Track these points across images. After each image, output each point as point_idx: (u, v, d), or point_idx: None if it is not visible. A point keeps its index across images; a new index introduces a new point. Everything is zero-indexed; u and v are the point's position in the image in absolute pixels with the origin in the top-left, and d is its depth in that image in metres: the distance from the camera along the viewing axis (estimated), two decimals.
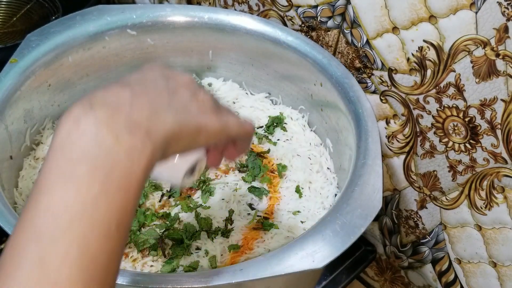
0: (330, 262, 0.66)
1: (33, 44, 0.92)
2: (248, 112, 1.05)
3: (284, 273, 0.63)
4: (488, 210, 0.83)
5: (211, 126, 0.48)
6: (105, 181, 0.39)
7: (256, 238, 0.82)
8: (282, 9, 1.01)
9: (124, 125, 0.41)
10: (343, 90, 0.88)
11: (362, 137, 0.81)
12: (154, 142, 0.42)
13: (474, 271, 0.92)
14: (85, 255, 0.38)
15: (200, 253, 0.80)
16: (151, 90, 0.46)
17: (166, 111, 0.44)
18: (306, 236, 0.68)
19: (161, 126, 0.43)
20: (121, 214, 0.40)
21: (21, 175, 0.89)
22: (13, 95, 0.86)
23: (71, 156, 0.40)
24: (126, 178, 0.40)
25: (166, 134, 0.43)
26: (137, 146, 0.41)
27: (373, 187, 0.73)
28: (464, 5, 0.71)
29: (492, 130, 0.77)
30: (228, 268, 0.65)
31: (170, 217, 0.85)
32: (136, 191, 0.41)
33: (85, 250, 0.38)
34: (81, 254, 0.38)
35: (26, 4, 1.27)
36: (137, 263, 0.79)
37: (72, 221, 0.38)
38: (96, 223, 0.39)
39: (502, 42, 0.70)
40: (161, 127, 0.43)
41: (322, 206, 0.89)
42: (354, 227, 0.68)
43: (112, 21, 0.99)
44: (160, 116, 0.43)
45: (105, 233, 0.39)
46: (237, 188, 0.90)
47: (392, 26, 0.82)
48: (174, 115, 0.45)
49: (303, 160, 0.95)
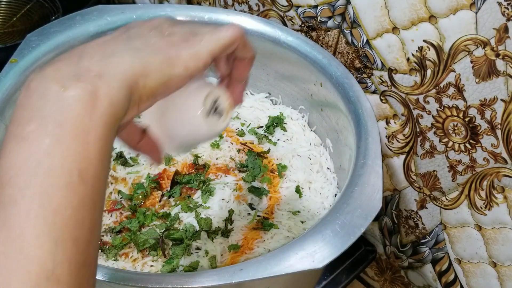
0: (330, 262, 0.66)
1: (33, 44, 0.92)
2: (248, 112, 1.05)
3: (284, 273, 0.63)
4: (488, 210, 0.83)
5: (185, 53, 0.44)
6: (56, 131, 0.37)
7: (256, 238, 0.82)
8: (282, 9, 1.01)
9: (72, 73, 0.39)
10: (343, 90, 0.88)
11: (362, 137, 0.81)
12: (109, 83, 0.39)
13: (474, 271, 0.92)
14: (48, 209, 0.35)
15: (200, 253, 0.80)
16: (109, 41, 0.44)
17: (122, 52, 0.42)
18: (306, 236, 0.68)
19: (116, 66, 0.40)
20: (82, 163, 0.37)
21: None
22: (13, 95, 0.85)
23: (22, 119, 0.38)
24: (80, 124, 0.38)
25: (124, 73, 0.40)
26: (88, 90, 0.38)
27: (373, 187, 0.73)
28: (464, 5, 0.71)
29: (492, 130, 0.77)
30: (228, 268, 0.65)
31: (170, 217, 0.85)
32: (97, 138, 0.38)
33: (47, 205, 0.36)
34: (44, 210, 0.35)
35: (26, 4, 1.27)
36: (137, 263, 0.79)
37: (29, 179, 0.36)
38: (54, 173, 0.36)
39: (502, 42, 0.70)
40: (116, 68, 0.40)
41: (322, 206, 0.89)
42: (354, 227, 0.68)
43: (112, 21, 0.99)
44: (114, 58, 0.41)
45: (67, 184, 0.36)
46: (237, 188, 0.90)
47: (392, 26, 0.82)
48: (132, 54, 0.42)
49: (303, 160, 0.95)
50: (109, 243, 0.81)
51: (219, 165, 0.93)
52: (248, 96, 1.09)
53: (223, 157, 0.95)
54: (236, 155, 0.95)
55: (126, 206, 0.86)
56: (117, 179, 0.91)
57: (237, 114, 1.04)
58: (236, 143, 0.98)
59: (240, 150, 0.96)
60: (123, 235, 0.81)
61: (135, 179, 0.90)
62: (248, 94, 1.09)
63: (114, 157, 0.94)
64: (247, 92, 1.09)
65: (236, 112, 1.05)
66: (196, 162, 0.93)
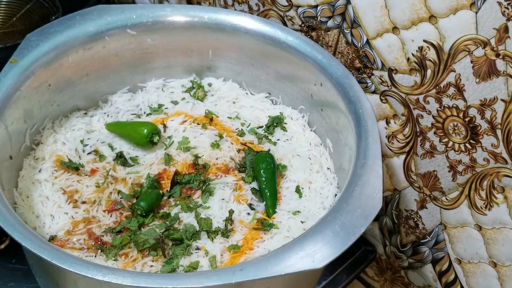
0: (330, 262, 0.66)
1: (33, 44, 0.92)
2: (248, 112, 1.05)
3: (284, 273, 0.63)
4: (488, 210, 0.83)
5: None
6: None
7: (256, 238, 0.82)
8: (282, 9, 1.01)
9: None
10: (343, 90, 0.88)
11: (362, 137, 0.81)
12: None
13: (474, 271, 0.92)
14: None
15: (200, 253, 0.80)
16: None
17: None
18: (306, 236, 0.68)
19: None
20: None
21: (20, 175, 0.89)
22: (13, 95, 0.86)
23: None
24: None
25: None
26: None
27: (373, 187, 0.73)
28: (464, 5, 0.71)
29: (492, 130, 0.77)
30: (229, 268, 0.66)
31: (170, 217, 0.85)
32: None
33: None
34: None
35: (26, 4, 1.27)
36: (137, 263, 0.79)
37: None
38: None
39: (502, 42, 0.70)
40: None
41: (322, 206, 0.89)
42: (354, 227, 0.68)
43: (112, 21, 0.99)
44: None
45: None
46: (237, 188, 0.90)
47: (392, 26, 0.82)
48: None
49: (303, 160, 0.95)
50: (109, 243, 0.81)
51: (219, 165, 0.93)
52: (248, 96, 1.09)
53: (223, 157, 0.95)
54: (236, 155, 0.95)
55: (126, 206, 0.86)
56: (117, 179, 0.91)
57: (237, 114, 1.04)
58: (236, 143, 0.98)
59: (240, 150, 0.96)
60: (123, 236, 0.81)
61: (135, 179, 0.90)
62: (248, 94, 1.09)
63: (114, 157, 0.94)
64: (247, 92, 1.09)
65: (236, 112, 1.05)
66: (196, 162, 0.93)
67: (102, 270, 0.64)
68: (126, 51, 1.03)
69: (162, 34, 1.03)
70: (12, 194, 0.86)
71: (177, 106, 1.05)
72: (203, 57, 1.07)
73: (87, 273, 0.63)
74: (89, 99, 1.03)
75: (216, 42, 1.04)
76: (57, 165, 0.91)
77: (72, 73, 0.98)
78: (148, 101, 1.05)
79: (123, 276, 0.63)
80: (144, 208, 0.84)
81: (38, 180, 0.89)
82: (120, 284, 0.63)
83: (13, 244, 0.94)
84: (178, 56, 1.07)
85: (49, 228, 0.83)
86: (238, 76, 1.09)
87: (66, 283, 0.74)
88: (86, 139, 0.97)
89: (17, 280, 0.91)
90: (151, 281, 0.63)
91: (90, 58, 0.99)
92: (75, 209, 0.86)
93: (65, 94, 0.99)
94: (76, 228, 0.83)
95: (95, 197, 0.87)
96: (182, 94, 1.07)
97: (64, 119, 1.00)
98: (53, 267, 0.72)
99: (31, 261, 0.84)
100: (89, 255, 0.80)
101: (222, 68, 1.09)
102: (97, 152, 0.95)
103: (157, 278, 0.65)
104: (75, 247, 0.81)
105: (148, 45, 1.04)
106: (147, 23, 1.01)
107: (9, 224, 0.68)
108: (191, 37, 1.04)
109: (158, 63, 1.07)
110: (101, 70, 1.02)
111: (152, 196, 0.86)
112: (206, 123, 1.00)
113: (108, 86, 1.05)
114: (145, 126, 0.94)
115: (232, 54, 1.06)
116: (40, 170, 0.90)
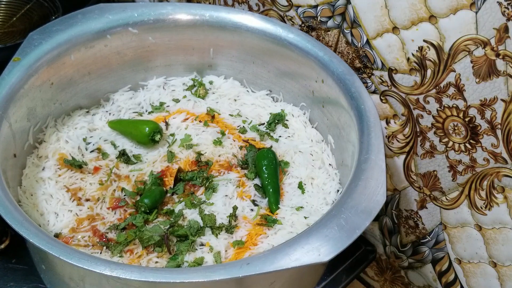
0: (330, 262, 0.66)
1: (36, 43, 0.92)
2: (249, 110, 1.06)
3: (290, 267, 0.64)
4: (488, 210, 0.84)
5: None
6: None
7: (260, 233, 0.83)
8: (282, 9, 1.02)
9: None
10: (345, 86, 0.88)
11: (364, 132, 0.81)
12: None
13: (474, 271, 0.92)
14: None
15: (205, 249, 0.80)
16: None
17: None
18: (312, 230, 0.69)
19: None
20: None
21: (24, 173, 0.89)
22: (17, 93, 0.86)
23: None
24: None
25: None
26: None
27: (377, 182, 0.74)
28: (464, 5, 0.72)
29: (492, 130, 0.77)
30: (235, 262, 0.66)
31: (174, 214, 0.85)
32: None
33: None
34: None
35: (26, 4, 1.27)
36: (142, 259, 0.79)
37: None
38: None
39: (502, 42, 0.70)
40: None
41: (325, 201, 0.89)
42: (359, 221, 0.69)
43: (113, 20, 0.99)
44: None
45: None
46: (240, 185, 0.90)
47: (392, 26, 0.82)
48: None
49: (305, 157, 0.96)
50: (113, 240, 0.81)
51: (222, 162, 0.94)
52: (249, 94, 1.09)
53: (225, 154, 0.95)
54: (238, 152, 0.96)
55: (129, 203, 0.86)
56: (120, 177, 0.91)
57: (238, 112, 1.04)
58: (238, 140, 0.98)
59: (242, 147, 0.97)
60: (127, 232, 0.81)
61: (138, 176, 0.90)
62: (249, 91, 1.09)
63: (117, 155, 0.94)
64: (248, 90, 1.10)
65: (238, 109, 1.05)
66: (199, 159, 0.93)
67: (110, 265, 0.64)
68: (127, 49, 1.03)
69: (164, 32, 1.03)
70: (16, 192, 0.86)
71: (178, 104, 1.05)
72: (204, 55, 1.08)
73: (95, 268, 0.64)
74: (91, 97, 1.04)
75: (217, 40, 1.05)
76: (61, 163, 0.91)
77: (74, 72, 0.98)
78: (149, 99, 1.06)
79: (131, 271, 0.64)
80: (148, 205, 0.84)
81: (41, 178, 0.89)
82: (127, 279, 0.63)
83: (13, 244, 0.94)
84: (179, 54, 1.07)
85: (54, 226, 0.83)
86: (239, 74, 1.09)
87: (72, 279, 0.74)
88: (88, 137, 0.97)
89: (17, 280, 0.91)
90: (158, 275, 0.64)
91: (92, 57, 0.99)
92: (79, 207, 0.86)
93: (67, 92, 0.99)
94: (80, 226, 0.83)
95: (99, 195, 0.87)
96: (184, 92, 1.08)
97: (67, 117, 1.00)
98: (60, 263, 0.72)
99: (36, 258, 0.84)
100: (95, 252, 0.80)
101: (223, 66, 1.09)
102: (100, 150, 0.95)
103: (164, 273, 0.65)
104: (80, 244, 0.81)
105: (150, 43, 1.04)
106: (149, 21, 1.01)
107: (17, 221, 0.68)
108: (192, 35, 1.04)
109: (159, 61, 1.07)
110: (102, 68, 1.02)
111: (155, 193, 0.86)
112: (208, 121, 1.00)
113: (110, 84, 1.05)
114: (147, 125, 0.95)
115: (233, 52, 1.06)
116: (44, 168, 0.90)
